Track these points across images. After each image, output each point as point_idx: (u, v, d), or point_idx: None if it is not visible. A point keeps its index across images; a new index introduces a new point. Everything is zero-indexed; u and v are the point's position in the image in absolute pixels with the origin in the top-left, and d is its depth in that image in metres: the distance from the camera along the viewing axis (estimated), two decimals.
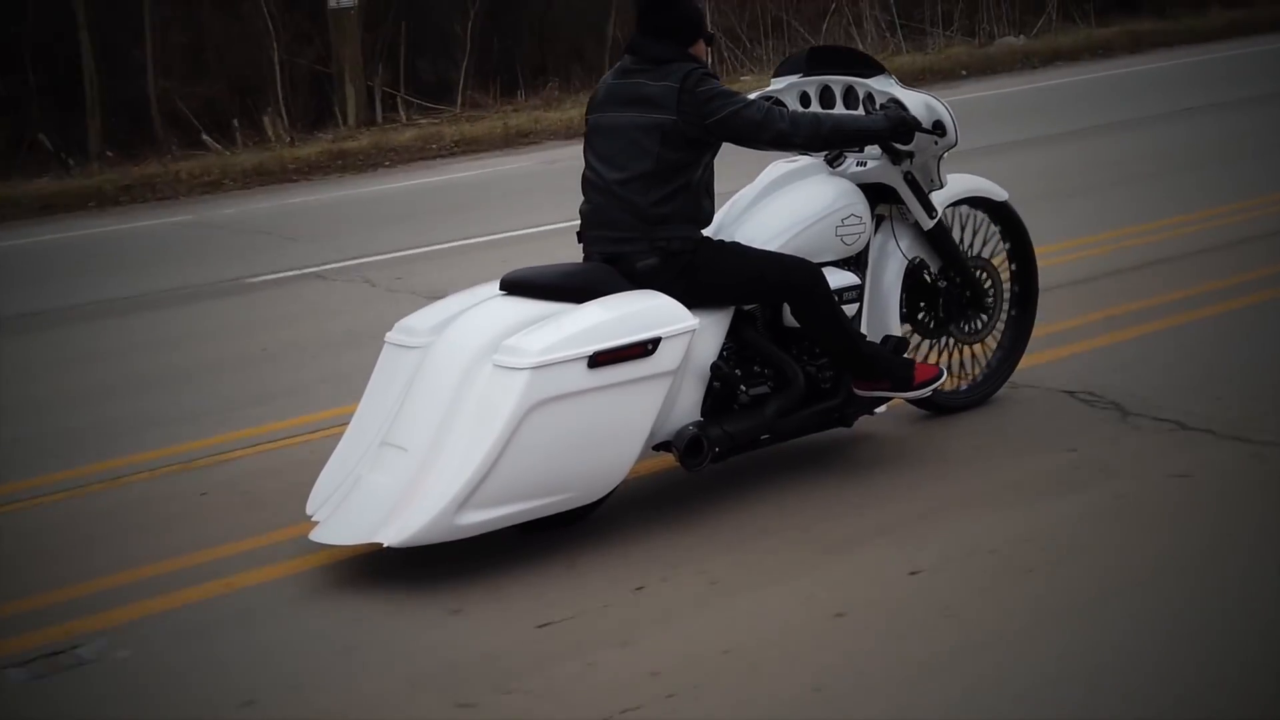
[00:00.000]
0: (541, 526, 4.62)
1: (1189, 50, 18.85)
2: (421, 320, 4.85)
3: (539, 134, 15.69)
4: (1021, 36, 20.53)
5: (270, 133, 16.41)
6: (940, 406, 5.56)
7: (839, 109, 5.42)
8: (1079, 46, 19.43)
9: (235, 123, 16.37)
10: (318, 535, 4.52)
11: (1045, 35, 20.65)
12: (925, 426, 5.46)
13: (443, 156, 14.95)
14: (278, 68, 17.48)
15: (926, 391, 5.21)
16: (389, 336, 4.89)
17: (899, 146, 5.18)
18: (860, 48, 19.60)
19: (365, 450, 4.68)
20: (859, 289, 5.21)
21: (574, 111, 16.40)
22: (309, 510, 4.68)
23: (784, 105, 5.46)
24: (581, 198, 5.02)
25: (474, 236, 10.22)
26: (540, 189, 12.19)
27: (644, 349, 4.54)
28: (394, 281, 8.84)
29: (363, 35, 17.73)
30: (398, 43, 18.57)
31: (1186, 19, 21.03)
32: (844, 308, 5.07)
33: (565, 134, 15.49)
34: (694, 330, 4.66)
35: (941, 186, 5.41)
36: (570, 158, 13.80)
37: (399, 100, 17.83)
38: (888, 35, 20.42)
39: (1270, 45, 18.23)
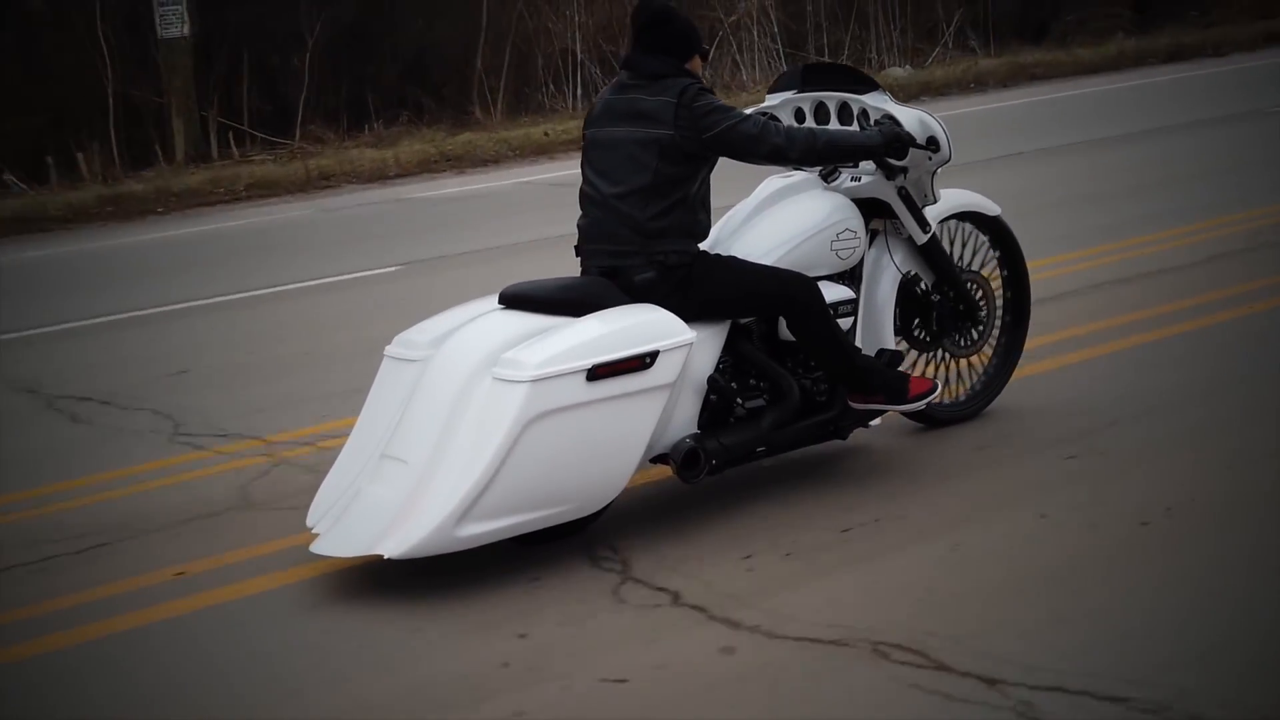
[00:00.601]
0: (539, 539, 4.65)
1: (1062, 84, 18.56)
2: (421, 334, 4.88)
3: (341, 176, 14.49)
4: (908, 67, 20.17)
5: (86, 171, 14.92)
6: (934, 419, 5.60)
7: (834, 125, 5.47)
8: (952, 80, 19.17)
9: (49, 160, 14.81)
10: (318, 547, 4.55)
11: (936, 65, 20.40)
12: (367, 599, 4.46)
13: (227, 202, 13.53)
14: (110, 99, 15.96)
15: (921, 404, 5.26)
16: (388, 350, 4.92)
17: (893, 162, 5.23)
18: (744, 76, 19.36)
19: (365, 463, 4.72)
20: (854, 303, 5.25)
21: (392, 152, 15.19)
22: (309, 523, 4.71)
23: (779, 121, 5.51)
24: (580, 211, 5.07)
25: (143, 308, 9.07)
26: (291, 243, 11.12)
27: (642, 362, 4.57)
28: None
29: (201, 65, 16.50)
30: (240, 73, 17.24)
31: (1082, 50, 20.85)
32: (839, 321, 5.12)
33: (370, 176, 14.37)
34: (691, 343, 4.70)
35: (935, 201, 5.47)
36: (358, 204, 12.88)
37: (234, 134, 16.57)
38: (774, 63, 19.88)
39: (1135, 81, 17.95)
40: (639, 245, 4.86)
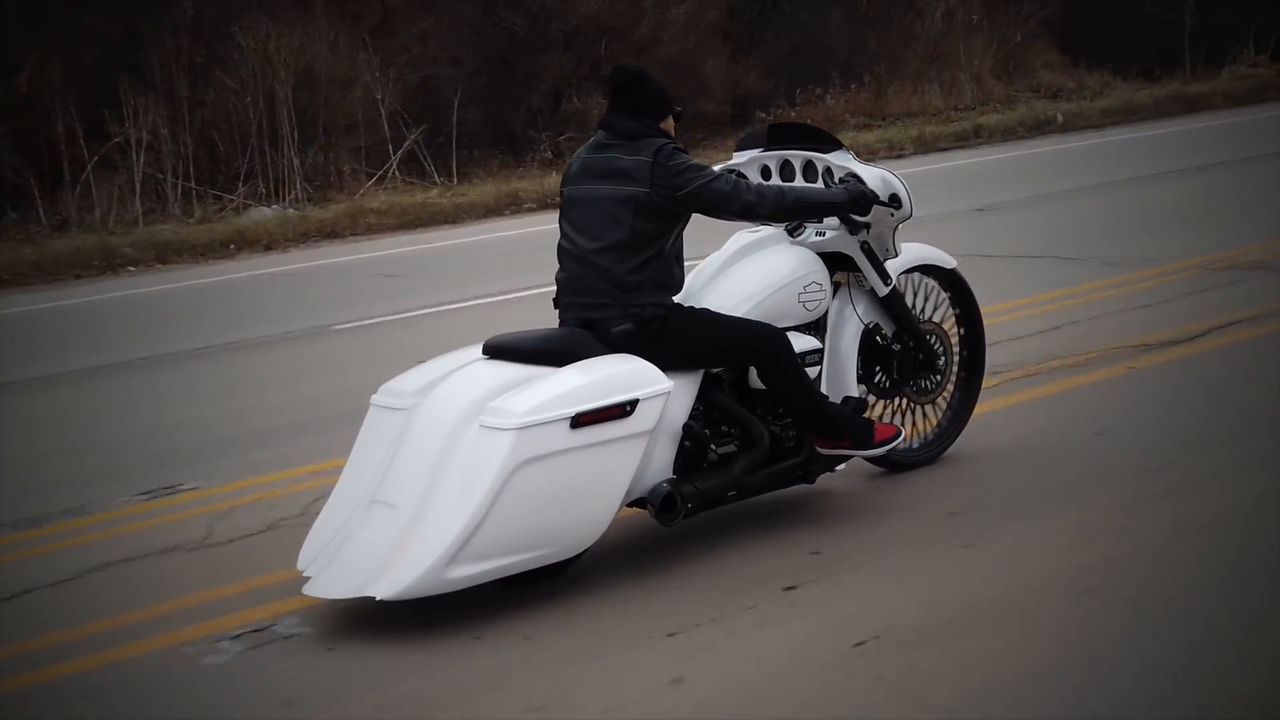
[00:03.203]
0: (521, 581, 4.83)
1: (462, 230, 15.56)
2: (406, 383, 5.06)
3: None
4: (277, 206, 16.64)
5: None
6: (896, 464, 5.83)
7: (798, 182, 5.71)
8: (339, 217, 15.59)
9: None
10: (310, 589, 4.71)
11: (348, 200, 16.59)
12: None
13: None
14: None
15: (885, 449, 5.48)
16: (375, 399, 5.09)
17: (857, 218, 5.46)
18: (98, 214, 15.85)
19: (354, 508, 4.87)
20: (820, 352, 5.48)
21: None
22: (300, 566, 4.87)
23: (746, 178, 5.73)
24: (557, 266, 5.27)
25: None
26: None
27: (623, 410, 4.78)
28: None
29: None
30: None
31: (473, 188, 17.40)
32: (806, 370, 5.33)
33: None
34: (669, 392, 4.90)
35: (896, 255, 5.71)
36: None
37: None
38: (162, 196, 16.50)
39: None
40: (616, 298, 5.07)
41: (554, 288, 5.29)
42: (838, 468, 5.50)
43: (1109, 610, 4.42)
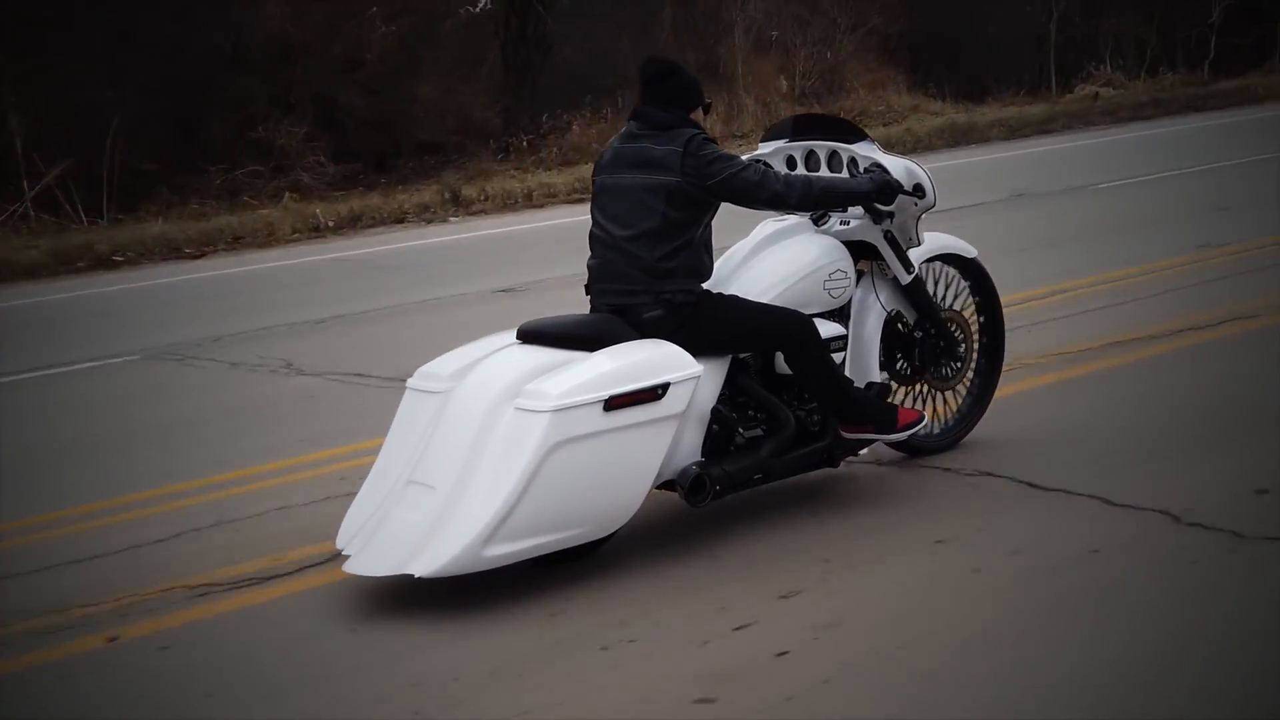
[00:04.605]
0: (552, 561, 4.95)
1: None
2: (442, 366, 5.18)
3: None
4: None
5: None
6: (916, 449, 5.95)
7: (823, 171, 5.82)
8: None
9: None
10: (350, 567, 4.83)
11: None
12: None
13: None
14: None
15: (908, 434, 5.60)
16: (411, 382, 5.21)
17: (881, 207, 5.58)
18: None
19: (391, 488, 5.00)
20: (844, 339, 5.59)
21: None
22: (339, 544, 4.99)
23: (772, 168, 5.84)
24: (589, 253, 5.39)
25: None
26: None
27: (654, 393, 4.90)
28: None
29: None
30: None
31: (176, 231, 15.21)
32: (832, 356, 5.45)
33: None
34: (699, 376, 5.02)
35: (919, 244, 5.83)
36: None
37: None
38: None
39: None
40: (647, 285, 5.18)
41: None
42: (861, 451, 5.62)
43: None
